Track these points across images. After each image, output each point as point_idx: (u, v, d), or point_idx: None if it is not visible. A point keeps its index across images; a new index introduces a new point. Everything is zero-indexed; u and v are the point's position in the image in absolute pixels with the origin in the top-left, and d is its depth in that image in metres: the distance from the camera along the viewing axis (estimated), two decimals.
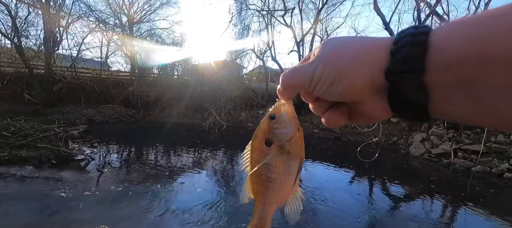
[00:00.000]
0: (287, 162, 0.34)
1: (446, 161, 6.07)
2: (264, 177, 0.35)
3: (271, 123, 0.33)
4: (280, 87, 0.31)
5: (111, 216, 2.74)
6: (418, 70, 0.21)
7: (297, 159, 0.34)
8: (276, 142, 0.33)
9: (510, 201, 4.08)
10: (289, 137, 0.33)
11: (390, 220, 3.29)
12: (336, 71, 0.26)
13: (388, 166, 4.54)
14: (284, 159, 0.33)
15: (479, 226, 3.18)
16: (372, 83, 0.25)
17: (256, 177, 0.36)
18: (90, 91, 11.69)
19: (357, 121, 0.31)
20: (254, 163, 0.36)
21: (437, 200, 3.96)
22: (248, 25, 14.08)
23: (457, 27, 0.20)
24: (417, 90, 0.22)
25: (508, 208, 3.76)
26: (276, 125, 0.33)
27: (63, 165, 4.36)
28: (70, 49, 12.48)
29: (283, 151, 0.33)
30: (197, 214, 2.94)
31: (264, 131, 0.34)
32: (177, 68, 14.78)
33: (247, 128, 10.89)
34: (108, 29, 14.15)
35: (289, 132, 0.33)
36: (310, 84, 0.28)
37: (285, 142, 0.33)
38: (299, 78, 0.29)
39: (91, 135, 6.60)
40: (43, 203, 3.01)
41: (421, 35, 0.22)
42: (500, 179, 5.01)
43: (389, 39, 0.24)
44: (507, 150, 5.65)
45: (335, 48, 0.27)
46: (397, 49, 0.23)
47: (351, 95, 0.27)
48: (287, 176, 0.34)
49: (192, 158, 5.82)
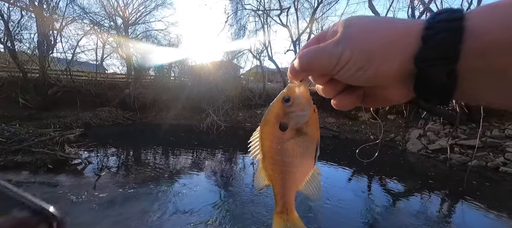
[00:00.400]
0: (304, 144, 0.33)
1: (443, 156, 6.14)
2: (281, 162, 0.34)
3: (286, 105, 0.32)
4: (297, 67, 0.28)
5: (110, 220, 2.72)
6: (453, 58, 0.21)
7: (315, 139, 0.33)
8: (292, 126, 0.32)
9: (506, 193, 4.14)
10: (306, 120, 0.32)
11: (389, 216, 3.31)
12: (366, 56, 0.24)
13: (386, 162, 4.57)
14: (301, 141, 0.32)
15: (476, 219, 3.22)
16: (401, 70, 0.24)
17: (272, 163, 0.35)
18: (86, 94, 11.57)
19: (371, 104, 0.30)
20: (267, 149, 0.34)
21: (435, 195, 4.00)
22: (244, 25, 14.08)
23: (492, 12, 0.20)
24: (448, 77, 0.22)
25: (504, 200, 3.81)
26: (292, 107, 0.32)
27: (60, 170, 4.31)
28: (64, 52, 12.36)
29: (300, 134, 0.32)
30: (196, 215, 2.93)
31: (277, 115, 0.33)
32: (174, 69, 14.73)
33: (245, 128, 10.88)
34: (103, 31, 14.03)
35: (306, 114, 0.32)
36: (334, 68, 0.26)
37: (302, 124, 0.32)
38: (323, 60, 0.26)
39: (87, 138, 6.53)
40: None
41: (456, 21, 0.21)
42: (495, 173, 5.08)
43: (419, 24, 0.23)
44: (502, 144, 5.73)
45: (363, 30, 0.25)
46: (431, 35, 0.21)
47: (378, 82, 0.25)
48: (306, 158, 0.33)
49: (190, 159, 5.79)
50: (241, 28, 13.98)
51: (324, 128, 10.02)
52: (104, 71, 15.66)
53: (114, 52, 15.47)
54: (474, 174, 5.05)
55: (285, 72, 13.94)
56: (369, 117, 9.99)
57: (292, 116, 0.32)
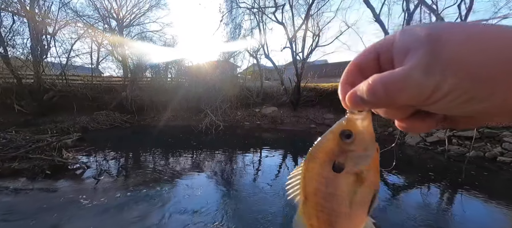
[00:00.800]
0: (359, 191, 0.26)
1: (441, 148, 6.19)
2: (330, 210, 0.27)
3: (345, 143, 0.26)
4: (367, 98, 0.21)
5: (110, 224, 2.70)
6: None
7: (373, 186, 0.27)
8: (349, 168, 0.26)
9: (504, 183, 4.19)
10: (369, 162, 0.26)
11: (390, 209, 3.33)
12: (484, 86, 0.17)
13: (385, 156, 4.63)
14: (358, 188, 0.26)
15: (475, 209, 3.25)
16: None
17: (317, 210, 0.28)
18: (82, 98, 11.48)
19: (455, 126, 0.24)
20: (312, 191, 0.28)
21: (434, 187, 4.04)
22: (239, 24, 14.01)
23: None
24: None
25: (502, 190, 3.85)
26: (352, 146, 0.25)
27: (58, 175, 4.27)
28: (59, 57, 12.21)
29: (357, 178, 0.26)
30: (198, 217, 2.92)
31: (332, 152, 0.26)
32: (171, 70, 14.64)
33: (244, 127, 10.87)
34: (97, 34, 13.88)
35: (370, 156, 0.26)
36: (426, 100, 0.19)
37: (362, 167, 0.26)
38: (410, 92, 0.19)
39: (85, 142, 6.48)
40: (39, 215, 2.94)
41: None
42: (493, 163, 5.13)
43: None
44: (499, 134, 5.79)
45: (468, 48, 0.18)
46: None
47: (498, 112, 0.19)
48: (361, 208, 0.27)
49: (190, 160, 5.78)
50: (236, 26, 13.92)
51: (323, 124, 10.04)
52: (100, 75, 15.53)
53: (109, 55, 15.34)
54: (472, 164, 5.10)
55: (281, 70, 13.93)
56: None
57: (352, 155, 0.26)
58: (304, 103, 11.80)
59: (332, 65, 18.93)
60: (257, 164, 5.45)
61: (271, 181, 4.19)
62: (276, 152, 6.51)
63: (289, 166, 5.37)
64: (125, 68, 14.33)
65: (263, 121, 11.27)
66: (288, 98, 11.93)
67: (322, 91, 11.87)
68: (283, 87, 12.58)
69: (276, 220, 2.93)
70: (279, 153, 6.43)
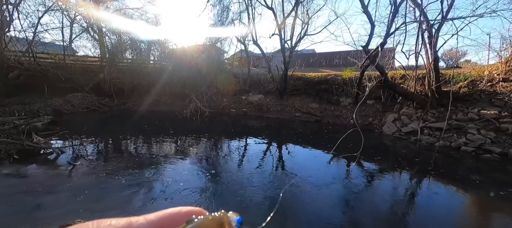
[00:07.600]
0: None
1: (414, 138, 6.65)
2: None
3: None
4: None
5: (87, 210, 2.61)
6: None
7: None
8: None
9: (465, 169, 4.64)
10: None
11: (365, 194, 3.57)
12: None
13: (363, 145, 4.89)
14: None
15: (440, 193, 3.59)
16: None
17: None
18: (54, 78, 10.59)
19: None
20: None
21: (405, 173, 4.37)
22: (227, 6, 13.46)
23: None
24: None
25: (463, 176, 4.28)
26: None
27: (29, 160, 3.99)
28: (24, 31, 10.98)
29: None
30: (182, 202, 2.91)
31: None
32: (153, 52, 13.86)
33: (231, 113, 10.80)
34: (70, 7, 12.60)
35: None
36: None
37: None
38: None
39: (58, 126, 6.06)
40: (7, 201, 2.76)
41: None
42: (457, 152, 5.64)
43: None
44: (465, 126, 6.32)
45: None
46: None
47: None
48: None
49: (174, 146, 5.66)
50: (224, 9, 13.36)
51: (307, 113, 10.26)
52: (73, 54, 14.30)
53: (84, 32, 14.06)
54: (439, 153, 5.56)
55: (269, 57, 13.78)
56: (349, 102, 10.38)
57: None
58: (291, 92, 11.90)
59: (319, 55, 19.08)
60: (242, 151, 5.50)
61: (255, 169, 4.26)
62: (262, 140, 6.59)
63: (274, 153, 5.48)
64: (102, 48, 13.31)
65: (249, 108, 11.25)
66: (275, 86, 11.94)
67: (308, 80, 12.01)
68: (270, 75, 12.52)
69: (261, 206, 3.01)
70: (265, 141, 6.52)
